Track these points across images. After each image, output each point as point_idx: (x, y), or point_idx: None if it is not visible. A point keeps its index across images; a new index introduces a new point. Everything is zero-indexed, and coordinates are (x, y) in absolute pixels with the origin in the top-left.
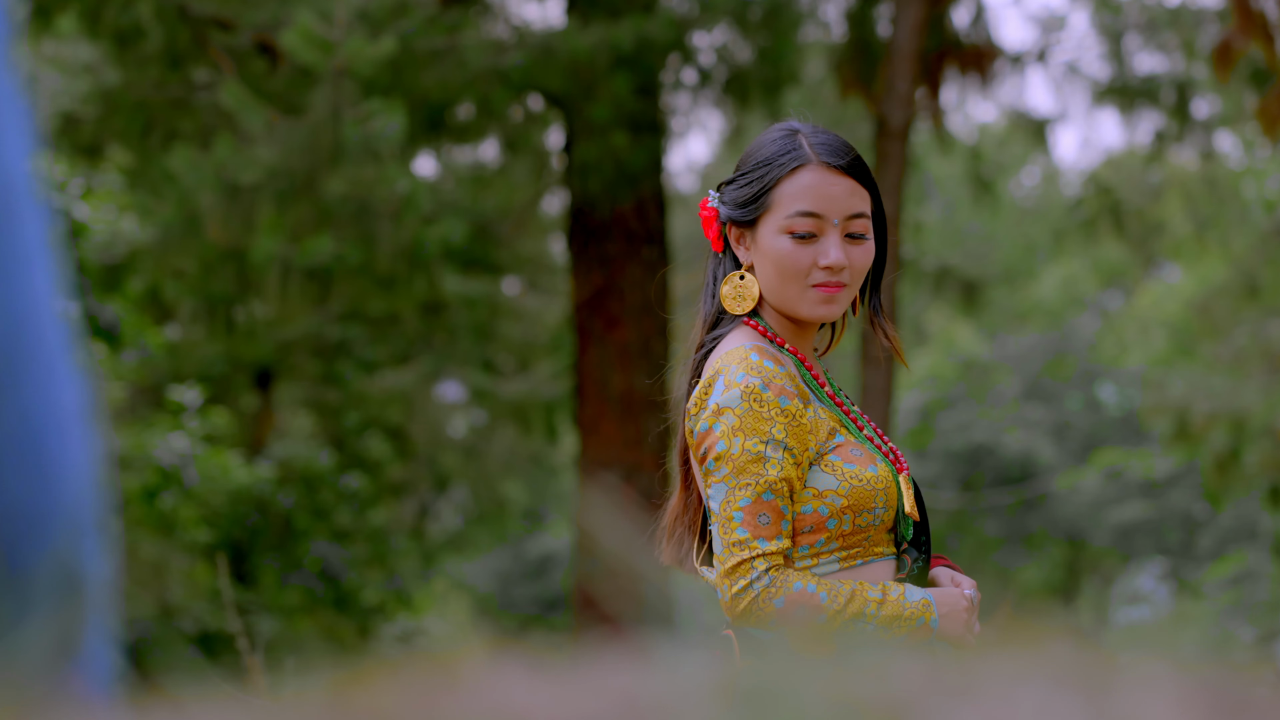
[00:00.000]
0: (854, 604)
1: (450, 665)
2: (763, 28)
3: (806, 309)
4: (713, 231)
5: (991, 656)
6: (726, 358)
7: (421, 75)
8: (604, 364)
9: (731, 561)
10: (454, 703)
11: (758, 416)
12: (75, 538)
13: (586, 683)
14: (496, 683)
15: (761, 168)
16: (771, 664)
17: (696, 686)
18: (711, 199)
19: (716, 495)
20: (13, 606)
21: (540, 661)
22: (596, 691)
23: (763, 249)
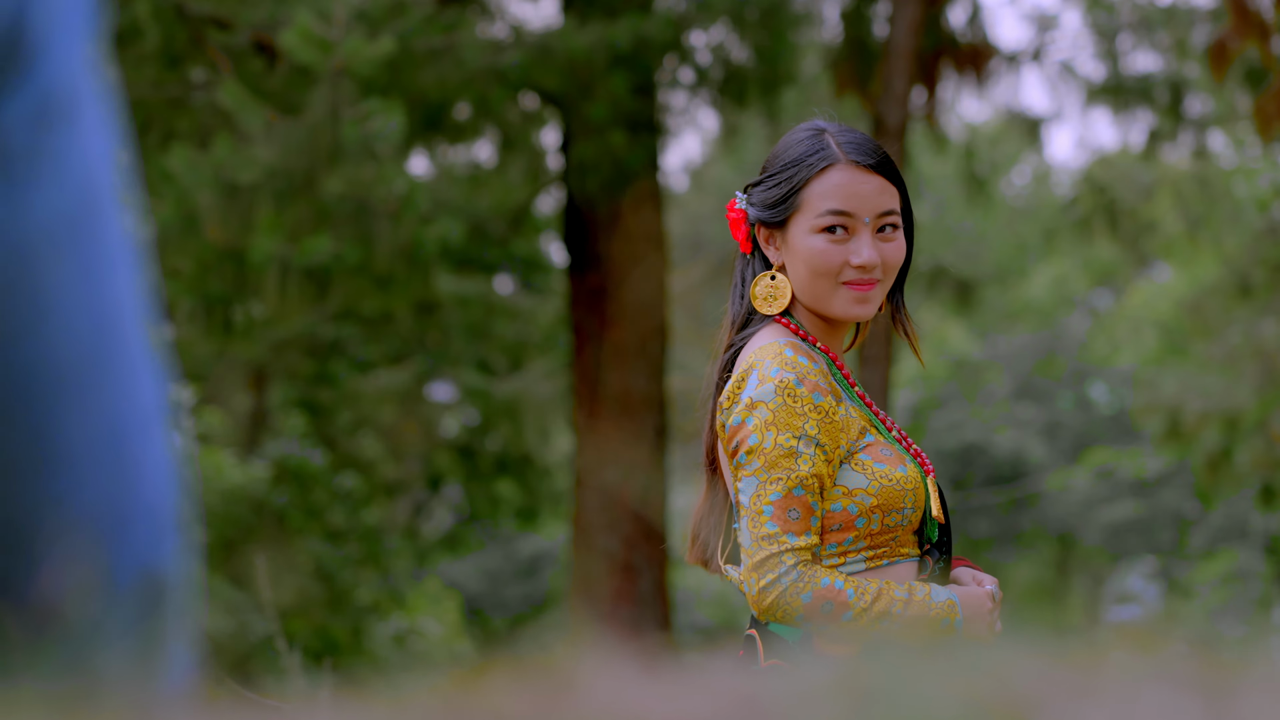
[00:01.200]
0: (880, 602)
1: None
2: (759, 27)
3: (840, 308)
4: (741, 233)
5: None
6: (760, 353)
7: (419, 75)
8: (601, 363)
9: (760, 555)
10: (572, 705)
11: (791, 411)
12: (156, 539)
13: (703, 684)
14: (612, 684)
15: (790, 168)
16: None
17: (815, 686)
18: (739, 200)
19: (746, 489)
20: (96, 609)
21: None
22: (714, 693)
23: (794, 249)
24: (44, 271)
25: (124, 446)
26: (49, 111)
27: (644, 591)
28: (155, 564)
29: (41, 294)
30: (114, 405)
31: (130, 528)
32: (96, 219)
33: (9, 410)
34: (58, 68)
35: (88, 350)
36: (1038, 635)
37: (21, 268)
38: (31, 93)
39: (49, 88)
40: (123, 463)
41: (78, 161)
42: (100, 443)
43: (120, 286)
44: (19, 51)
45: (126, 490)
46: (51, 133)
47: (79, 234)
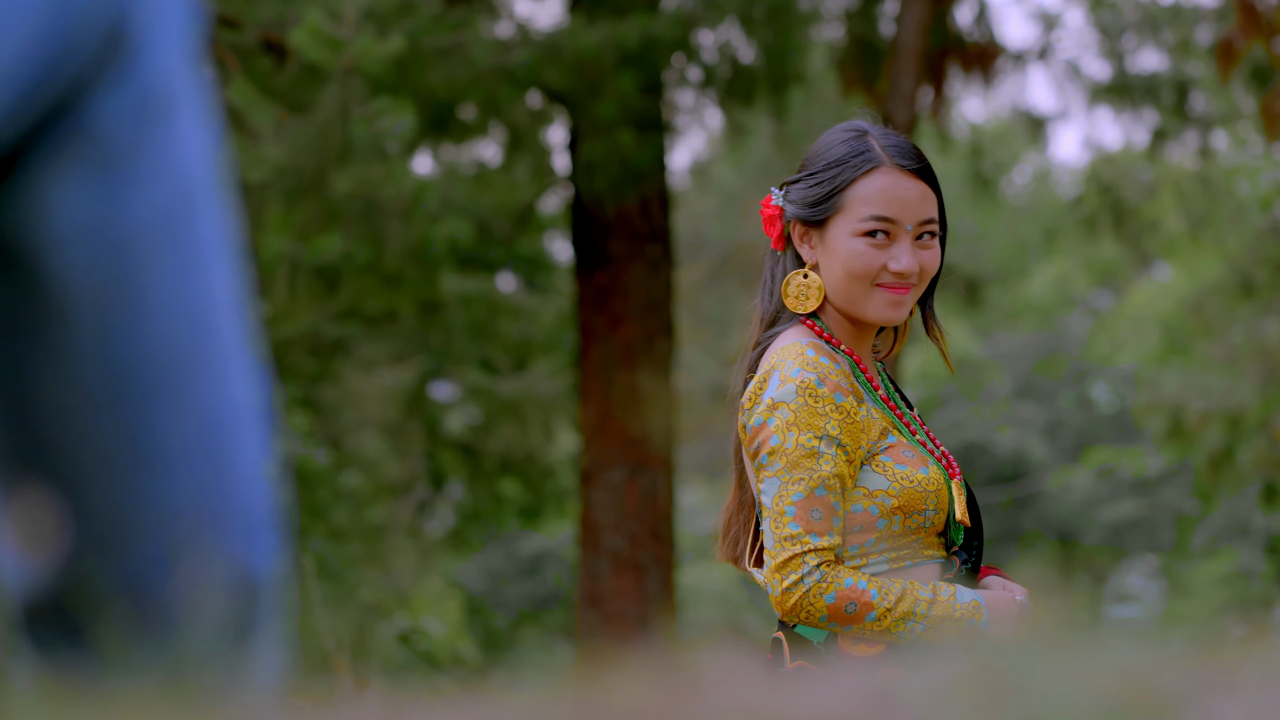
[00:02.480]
0: (904, 603)
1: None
2: (767, 26)
3: (873, 311)
4: (775, 229)
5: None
6: (782, 353)
7: (428, 73)
8: (607, 362)
9: (783, 556)
10: (705, 703)
11: (813, 412)
12: (250, 537)
13: (836, 682)
14: (742, 682)
15: (833, 168)
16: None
17: (950, 683)
18: (775, 197)
19: (769, 490)
20: (192, 606)
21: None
22: (847, 691)
23: (833, 249)
24: (143, 269)
25: (219, 444)
26: (149, 109)
27: (651, 590)
28: (249, 561)
29: (140, 292)
30: (209, 403)
31: (225, 525)
32: (193, 216)
33: (108, 407)
34: (157, 65)
35: (184, 348)
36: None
37: (121, 265)
38: (132, 90)
39: (149, 85)
40: (218, 460)
41: (175, 159)
42: (196, 440)
43: (216, 284)
44: (121, 49)
45: (221, 488)
46: (151, 130)
47: (177, 231)
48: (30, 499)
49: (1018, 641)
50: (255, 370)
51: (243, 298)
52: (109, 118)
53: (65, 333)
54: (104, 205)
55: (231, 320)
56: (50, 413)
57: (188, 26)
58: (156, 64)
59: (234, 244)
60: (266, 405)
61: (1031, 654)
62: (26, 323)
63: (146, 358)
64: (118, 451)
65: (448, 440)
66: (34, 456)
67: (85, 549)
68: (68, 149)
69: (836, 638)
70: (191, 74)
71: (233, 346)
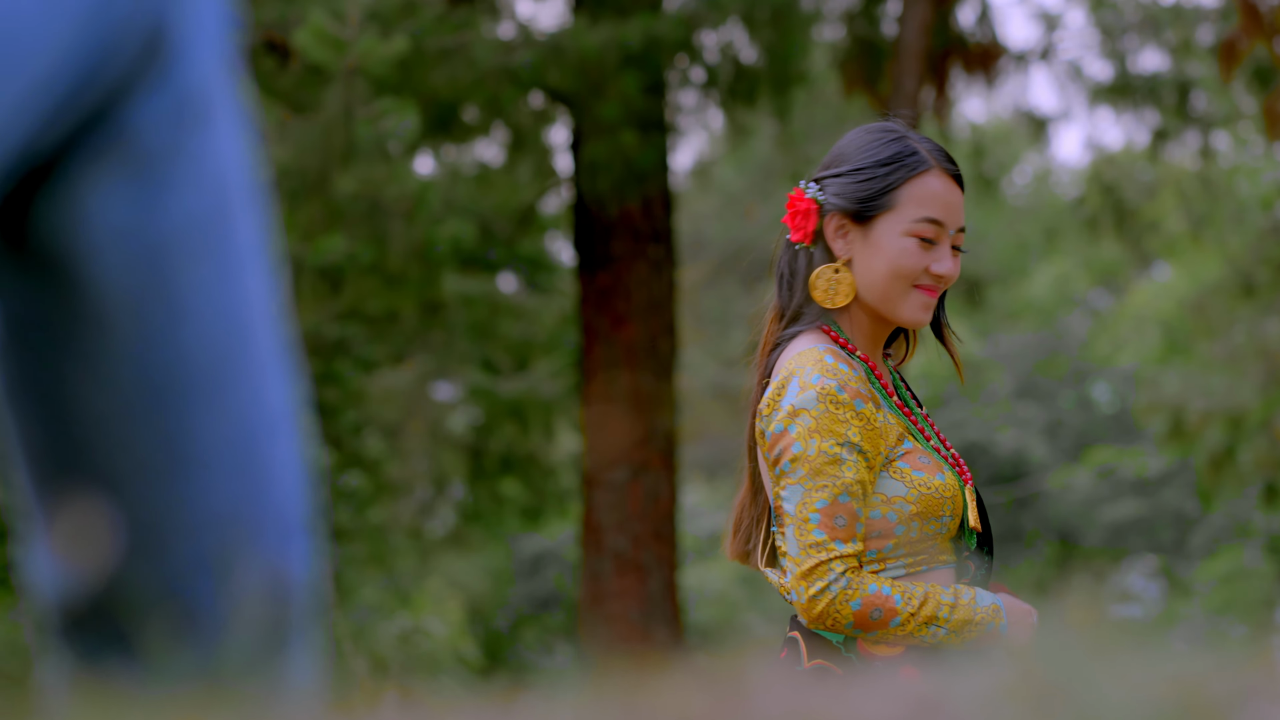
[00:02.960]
0: (927, 607)
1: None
2: (770, 26)
3: (907, 312)
4: (809, 223)
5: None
6: (800, 359)
7: (430, 74)
8: (610, 362)
9: (809, 564)
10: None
11: (834, 419)
12: (285, 542)
13: (881, 686)
14: (788, 687)
15: (885, 166)
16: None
17: (997, 688)
18: (810, 190)
19: (791, 497)
20: (223, 609)
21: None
22: (895, 696)
23: (877, 246)
24: (180, 274)
25: (255, 449)
26: (186, 113)
27: (653, 591)
28: (285, 566)
29: (177, 296)
30: (246, 408)
31: (261, 530)
32: (230, 221)
33: (145, 413)
34: (194, 70)
35: (221, 353)
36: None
37: (158, 270)
38: (169, 95)
39: (186, 90)
40: (254, 465)
41: (212, 163)
42: (232, 446)
43: (252, 289)
44: (159, 54)
45: (256, 493)
46: (188, 135)
47: (213, 236)
48: (70, 505)
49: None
50: (290, 375)
51: (278, 302)
52: (146, 123)
53: (102, 338)
54: (141, 210)
55: (267, 325)
56: (87, 418)
57: (224, 32)
58: (194, 69)
59: (269, 249)
60: (301, 410)
61: (1077, 659)
62: (64, 328)
63: (183, 363)
64: (155, 457)
65: (449, 441)
66: (71, 462)
67: (122, 554)
68: (105, 154)
69: (855, 638)
70: (227, 79)
71: (268, 351)
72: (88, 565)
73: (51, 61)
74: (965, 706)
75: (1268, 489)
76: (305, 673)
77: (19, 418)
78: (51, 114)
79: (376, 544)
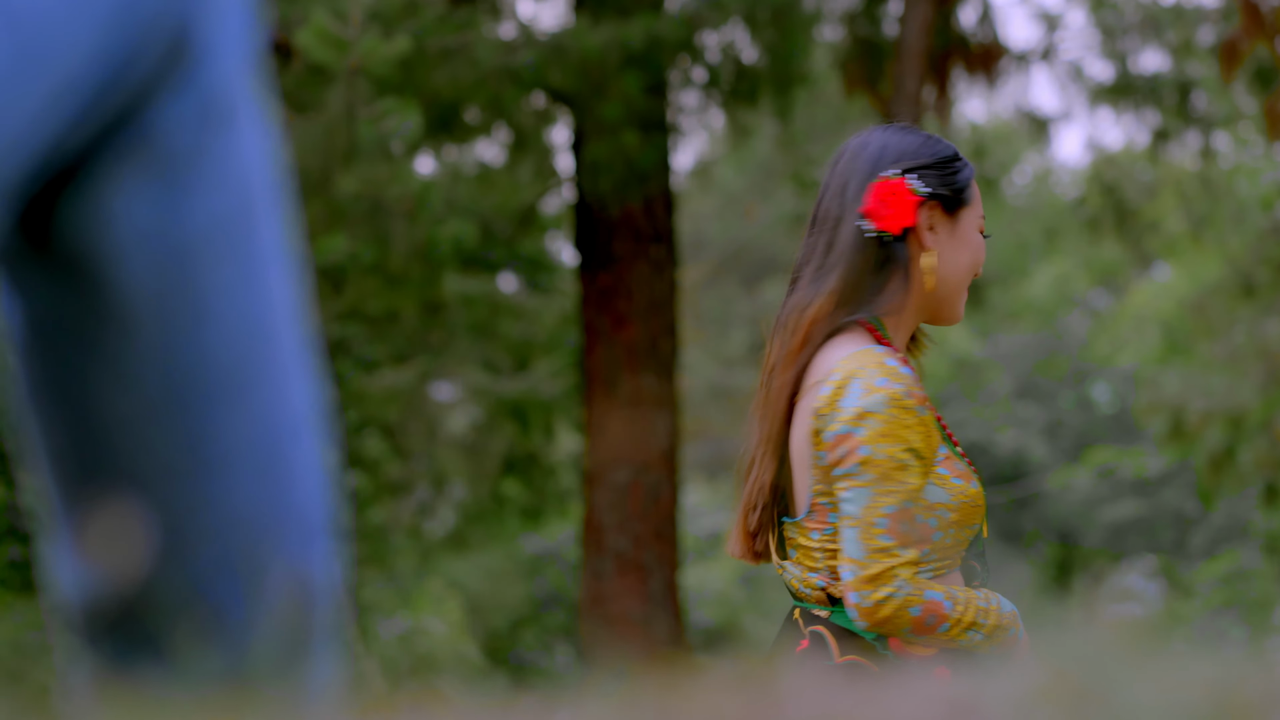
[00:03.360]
0: (969, 613)
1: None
2: (771, 26)
3: (960, 308)
4: (910, 213)
5: None
6: (859, 360)
7: (432, 74)
8: (611, 363)
9: (876, 569)
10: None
11: (901, 424)
12: (307, 543)
13: (914, 688)
14: (818, 690)
15: (956, 161)
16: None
17: (1031, 691)
18: (909, 180)
19: (856, 500)
20: (246, 612)
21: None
22: (930, 699)
23: (962, 239)
24: (203, 275)
25: (277, 451)
26: (210, 115)
27: (655, 591)
28: (306, 568)
29: (201, 298)
30: (268, 409)
31: (282, 532)
32: (253, 222)
33: (169, 415)
34: (219, 72)
35: (244, 355)
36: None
37: (182, 272)
38: (194, 96)
39: (210, 92)
40: (275, 467)
41: (236, 165)
42: (254, 447)
43: (275, 290)
44: (183, 56)
45: (279, 495)
46: (212, 136)
47: (237, 238)
48: (100, 507)
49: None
50: (312, 377)
51: (300, 304)
52: (171, 124)
53: (126, 340)
54: (165, 212)
55: (289, 326)
56: (110, 420)
57: (247, 33)
58: (218, 71)
59: (292, 250)
60: (323, 412)
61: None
62: (87, 330)
63: (207, 364)
64: (178, 458)
65: (449, 440)
66: (94, 464)
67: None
68: (130, 156)
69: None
70: (251, 80)
71: (291, 353)
72: (117, 568)
73: (77, 63)
74: (999, 709)
75: (1268, 489)
76: (328, 675)
77: (42, 419)
78: (77, 116)
79: (376, 544)
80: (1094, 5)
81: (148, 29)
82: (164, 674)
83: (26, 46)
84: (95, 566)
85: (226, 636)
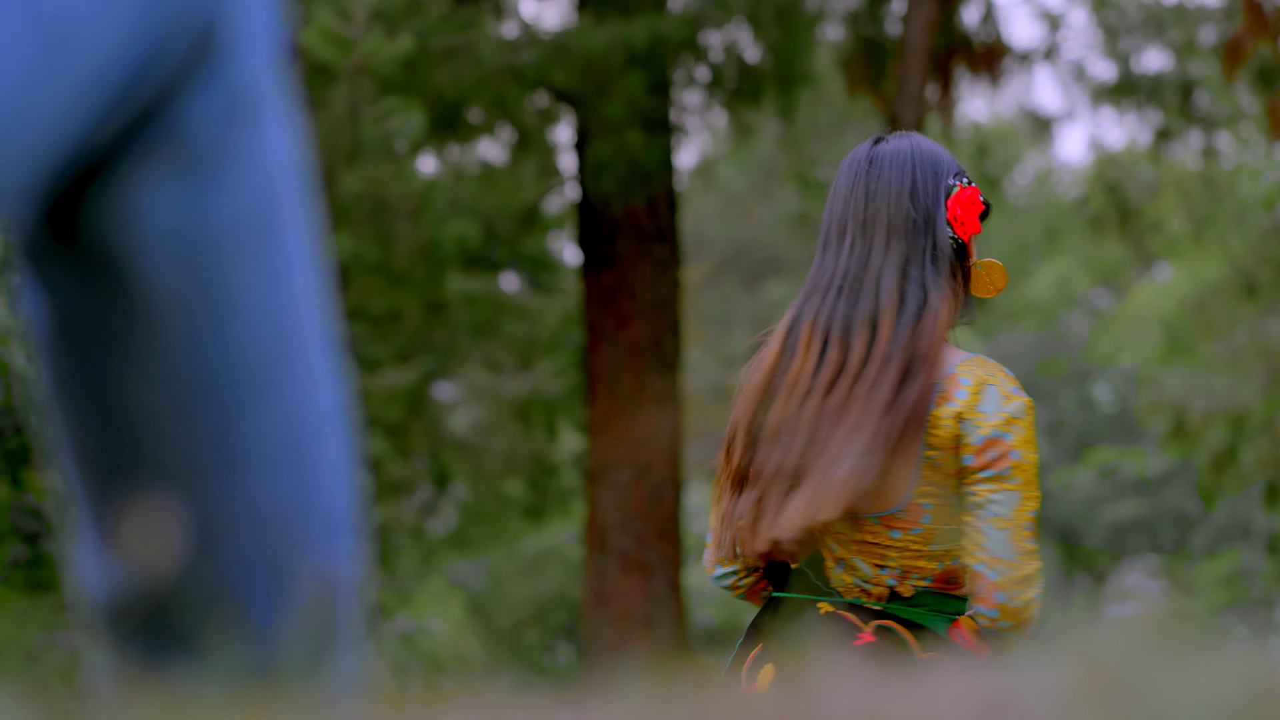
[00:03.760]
0: None
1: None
2: (774, 26)
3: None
4: (976, 219)
5: None
6: (983, 366)
7: (435, 73)
8: (614, 362)
9: (1027, 569)
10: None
11: (1034, 433)
12: (331, 540)
13: (945, 685)
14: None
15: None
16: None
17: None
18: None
19: (1006, 502)
20: (272, 608)
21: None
22: (964, 694)
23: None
24: (229, 271)
25: (302, 447)
26: (236, 111)
27: (658, 590)
28: (330, 564)
29: (227, 293)
30: (293, 406)
31: (306, 528)
32: (279, 218)
33: (195, 411)
34: (244, 68)
35: (270, 351)
36: None
37: (208, 267)
38: (220, 92)
39: (236, 87)
40: (302, 463)
41: (262, 161)
42: (280, 443)
43: (300, 287)
44: (209, 51)
45: (303, 490)
46: (238, 132)
47: (263, 234)
48: (132, 503)
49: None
50: (336, 372)
51: (325, 300)
52: (197, 120)
53: (152, 336)
54: (191, 208)
55: (314, 323)
56: (136, 416)
57: (272, 29)
58: (243, 66)
59: (317, 246)
60: (347, 408)
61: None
62: (113, 326)
63: (233, 360)
64: (203, 454)
65: (451, 440)
66: (120, 460)
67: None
68: (156, 151)
69: (958, 629)
70: (276, 76)
71: (316, 349)
72: (150, 564)
73: (104, 59)
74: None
75: (1269, 489)
76: (352, 670)
77: (68, 415)
78: (104, 111)
79: (379, 543)
80: (1096, 5)
81: (174, 25)
82: (190, 670)
83: (54, 43)
84: (127, 562)
85: (252, 632)
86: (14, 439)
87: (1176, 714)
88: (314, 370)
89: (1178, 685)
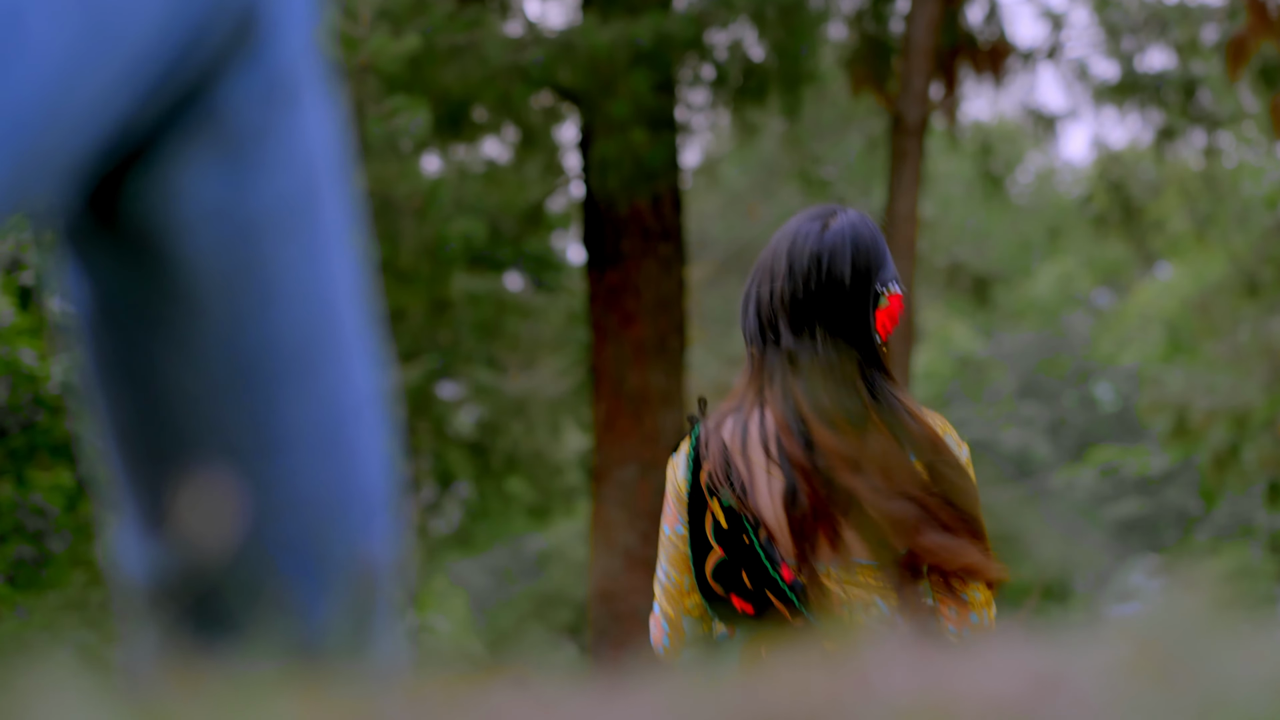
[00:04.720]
0: None
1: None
2: (779, 25)
3: None
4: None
5: None
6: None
7: (441, 72)
8: (619, 360)
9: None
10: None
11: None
12: (370, 524)
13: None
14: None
15: None
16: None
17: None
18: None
19: None
20: (312, 590)
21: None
22: (1013, 672)
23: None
24: (269, 255)
25: (341, 431)
26: (277, 93)
27: None
28: (368, 549)
29: (267, 278)
30: (332, 390)
31: (345, 512)
32: (319, 202)
33: (235, 394)
34: (285, 50)
35: (309, 335)
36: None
37: (249, 251)
38: (260, 75)
39: (277, 70)
40: (340, 447)
41: (302, 144)
42: (319, 427)
43: (339, 270)
44: (250, 34)
45: (342, 475)
46: (278, 114)
47: (303, 217)
48: (171, 485)
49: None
50: (375, 357)
51: (364, 284)
52: (238, 102)
53: (192, 319)
54: (232, 190)
55: (353, 307)
56: (176, 399)
57: (313, 11)
58: (284, 49)
59: (356, 230)
60: (386, 392)
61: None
62: (154, 309)
63: (273, 344)
64: (244, 438)
65: (455, 439)
66: (160, 444)
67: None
68: (197, 134)
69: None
70: (316, 59)
71: (355, 333)
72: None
73: (147, 40)
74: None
75: (1271, 487)
76: (390, 653)
77: (109, 399)
78: (146, 93)
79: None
80: (1099, 4)
81: (215, 6)
82: (229, 653)
83: (97, 23)
84: (179, 544)
85: (292, 614)
86: (18, 437)
87: (1232, 691)
88: (353, 354)
89: (1233, 663)
